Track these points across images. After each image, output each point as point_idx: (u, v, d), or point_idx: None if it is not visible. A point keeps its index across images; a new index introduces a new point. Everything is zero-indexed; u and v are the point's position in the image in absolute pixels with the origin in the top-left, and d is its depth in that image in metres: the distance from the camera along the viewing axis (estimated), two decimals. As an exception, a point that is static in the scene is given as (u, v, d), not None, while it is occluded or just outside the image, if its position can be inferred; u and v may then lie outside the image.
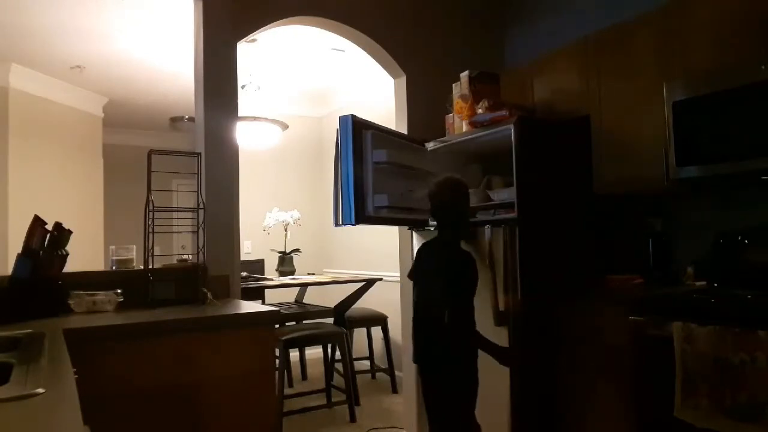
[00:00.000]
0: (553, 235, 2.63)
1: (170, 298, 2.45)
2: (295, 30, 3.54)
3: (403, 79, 3.56)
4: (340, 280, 4.55)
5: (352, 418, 3.80)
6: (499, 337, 2.57)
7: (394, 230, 3.61)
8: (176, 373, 2.00)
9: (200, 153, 2.72)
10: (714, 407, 1.89)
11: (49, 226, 2.26)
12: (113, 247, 2.73)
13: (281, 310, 2.85)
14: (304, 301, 4.96)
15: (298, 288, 4.90)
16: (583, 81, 2.87)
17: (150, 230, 2.40)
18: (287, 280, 4.48)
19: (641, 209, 2.89)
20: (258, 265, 4.91)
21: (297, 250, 4.75)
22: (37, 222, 2.22)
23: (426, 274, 2.34)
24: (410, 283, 3.30)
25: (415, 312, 2.33)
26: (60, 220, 2.31)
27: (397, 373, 4.38)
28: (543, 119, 2.95)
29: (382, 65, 3.61)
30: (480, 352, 2.25)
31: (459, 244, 2.33)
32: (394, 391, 4.47)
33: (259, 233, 4.80)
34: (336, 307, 4.47)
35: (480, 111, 2.85)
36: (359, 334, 4.86)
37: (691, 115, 2.30)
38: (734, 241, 2.45)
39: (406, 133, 3.39)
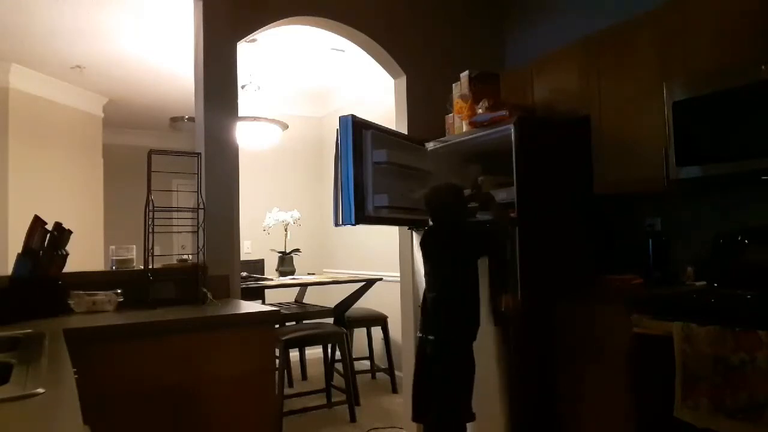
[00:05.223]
0: (553, 235, 2.62)
1: (170, 298, 2.44)
2: (295, 30, 3.54)
3: (403, 79, 3.56)
4: (340, 280, 4.54)
5: (352, 418, 3.80)
6: (498, 336, 2.58)
7: (394, 230, 3.61)
8: (176, 373, 2.00)
9: (200, 153, 2.72)
10: (714, 407, 1.89)
11: (49, 226, 2.26)
12: (113, 247, 2.73)
13: (281, 310, 2.85)
14: (304, 301, 4.96)
15: (298, 288, 4.89)
16: (583, 81, 2.87)
17: (150, 230, 2.40)
18: (287, 280, 4.47)
19: (641, 209, 2.89)
20: (258, 265, 4.90)
21: (297, 250, 4.75)
22: (37, 222, 2.22)
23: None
24: (410, 283, 3.31)
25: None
26: (60, 220, 2.31)
27: (397, 373, 4.38)
28: (543, 119, 2.95)
29: (382, 65, 3.61)
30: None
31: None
32: (394, 391, 4.46)
33: (259, 233, 4.79)
34: (336, 307, 4.47)
35: (480, 111, 2.85)
36: (359, 334, 4.86)
37: (691, 115, 2.30)
38: (734, 241, 2.45)
39: (406, 133, 3.39)
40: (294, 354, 4.78)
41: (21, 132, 4.77)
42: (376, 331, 4.72)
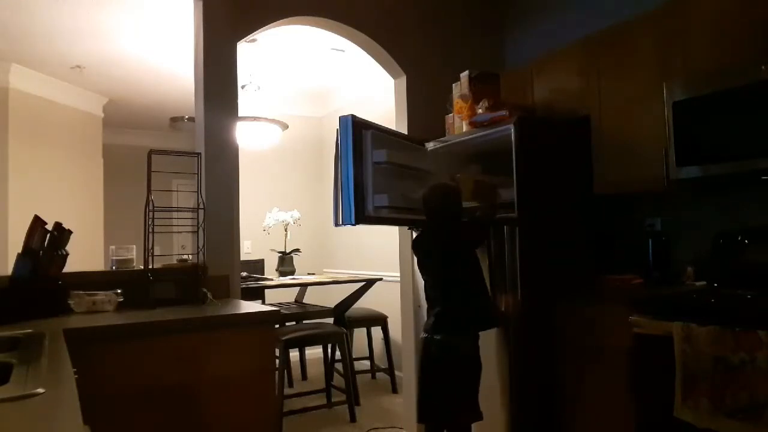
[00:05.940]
0: (553, 235, 2.62)
1: (170, 298, 2.44)
2: (295, 30, 3.54)
3: (403, 79, 3.56)
4: (340, 280, 4.54)
5: (352, 418, 3.80)
6: (498, 336, 2.58)
7: (394, 230, 3.61)
8: (176, 373, 2.00)
9: (200, 153, 2.72)
10: (714, 407, 1.89)
11: (49, 226, 2.26)
12: (113, 247, 2.73)
13: (281, 310, 2.85)
14: (304, 301, 4.96)
15: (298, 288, 4.89)
16: (583, 81, 2.87)
17: (150, 230, 2.40)
18: (287, 280, 4.47)
19: (641, 209, 2.89)
20: (258, 265, 4.90)
21: (297, 250, 4.75)
22: (37, 222, 2.23)
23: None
24: (410, 283, 3.32)
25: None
26: (60, 220, 2.31)
27: (397, 373, 4.38)
28: (543, 119, 2.95)
29: (382, 65, 3.61)
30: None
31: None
32: (394, 391, 4.46)
33: (259, 233, 4.79)
34: (336, 307, 4.47)
35: (480, 111, 2.85)
36: (359, 334, 4.86)
37: (691, 115, 2.30)
38: (734, 241, 2.45)
39: (406, 133, 3.39)
40: (294, 354, 4.78)
41: (21, 132, 4.77)
42: (376, 331, 4.72)
